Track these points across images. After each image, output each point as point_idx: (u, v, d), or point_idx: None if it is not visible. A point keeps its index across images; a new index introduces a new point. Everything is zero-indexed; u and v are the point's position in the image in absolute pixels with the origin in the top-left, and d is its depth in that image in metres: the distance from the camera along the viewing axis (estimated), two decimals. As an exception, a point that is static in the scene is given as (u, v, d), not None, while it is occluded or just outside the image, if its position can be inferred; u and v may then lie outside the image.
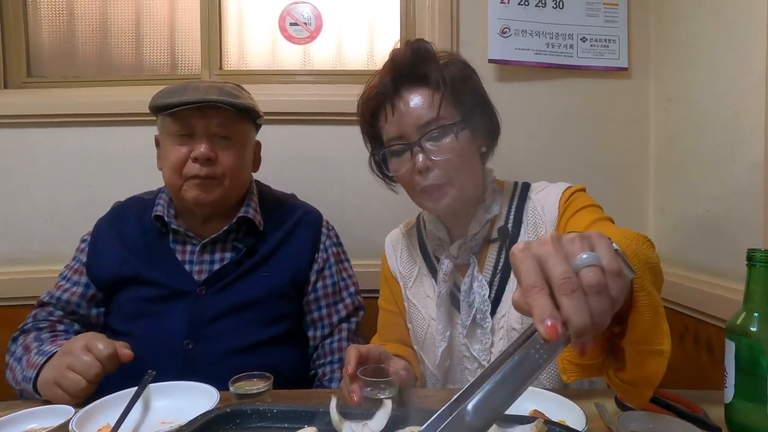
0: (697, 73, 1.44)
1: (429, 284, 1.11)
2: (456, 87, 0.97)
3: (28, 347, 1.05)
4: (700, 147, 1.43)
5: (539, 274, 0.47)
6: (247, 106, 1.14)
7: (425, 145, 0.96)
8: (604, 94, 1.67)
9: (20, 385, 1.00)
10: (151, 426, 0.81)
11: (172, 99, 1.09)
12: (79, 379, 0.88)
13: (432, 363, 1.07)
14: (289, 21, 1.76)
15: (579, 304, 0.45)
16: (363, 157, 1.11)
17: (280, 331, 1.15)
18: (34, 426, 0.79)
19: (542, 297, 0.46)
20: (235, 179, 1.16)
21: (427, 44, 1.01)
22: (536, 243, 0.49)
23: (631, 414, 0.77)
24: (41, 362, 0.95)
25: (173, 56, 1.77)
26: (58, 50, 1.76)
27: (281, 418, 0.70)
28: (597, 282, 0.46)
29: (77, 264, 1.19)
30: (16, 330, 1.13)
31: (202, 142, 1.10)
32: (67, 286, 1.17)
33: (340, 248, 1.30)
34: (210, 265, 1.16)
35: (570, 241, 0.49)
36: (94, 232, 1.22)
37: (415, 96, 0.97)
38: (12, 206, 1.62)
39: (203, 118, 1.10)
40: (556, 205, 1.00)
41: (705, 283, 1.37)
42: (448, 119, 0.96)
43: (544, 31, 1.64)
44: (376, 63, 1.77)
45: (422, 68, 0.98)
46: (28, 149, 1.62)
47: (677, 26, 1.54)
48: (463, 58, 1.04)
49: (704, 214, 1.40)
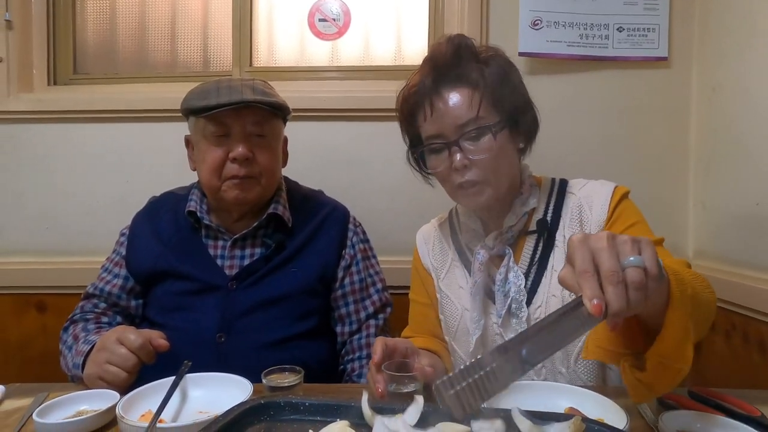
0: (746, 60, 1.38)
1: (461, 275, 1.11)
2: (496, 86, 0.97)
3: (77, 337, 1.10)
4: (748, 137, 1.36)
5: (591, 263, 0.57)
6: (281, 104, 1.16)
7: (463, 145, 0.97)
8: (641, 85, 1.62)
9: (71, 371, 1.05)
10: (189, 415, 0.83)
11: (209, 101, 1.10)
12: (119, 371, 0.92)
13: (465, 352, 1.07)
14: (318, 17, 1.76)
15: (620, 293, 0.55)
16: (390, 154, 1.11)
17: (308, 327, 1.17)
18: (85, 407, 0.85)
19: (593, 281, 0.56)
20: (272, 177, 1.18)
21: (467, 40, 1.01)
22: (594, 237, 0.60)
23: (675, 413, 0.75)
24: (86, 350, 1.01)
25: (206, 54, 1.81)
26: (101, 48, 1.82)
27: (313, 411, 0.71)
28: (639, 280, 0.56)
29: (117, 257, 1.23)
30: (67, 320, 1.18)
31: (239, 142, 1.11)
32: (109, 278, 1.21)
33: (367, 245, 1.31)
34: (240, 260, 1.18)
35: (623, 242, 0.59)
36: (131, 227, 1.25)
37: (454, 95, 0.97)
38: (58, 199, 1.68)
39: (239, 117, 1.11)
40: (606, 207, 1.00)
41: (755, 278, 1.31)
42: (487, 119, 0.96)
43: (578, 22, 1.59)
44: (403, 59, 1.76)
45: (462, 67, 0.98)
46: (71, 144, 1.68)
47: (723, 11, 1.48)
48: (505, 54, 1.03)
49: (753, 208, 1.34)
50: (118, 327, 1.00)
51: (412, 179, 1.09)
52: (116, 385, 0.91)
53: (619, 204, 1.01)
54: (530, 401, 0.78)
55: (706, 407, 0.78)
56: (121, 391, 0.87)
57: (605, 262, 0.57)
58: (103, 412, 0.80)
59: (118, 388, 0.89)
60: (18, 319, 1.64)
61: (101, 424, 0.80)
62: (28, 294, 1.64)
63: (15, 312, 1.64)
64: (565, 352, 1.00)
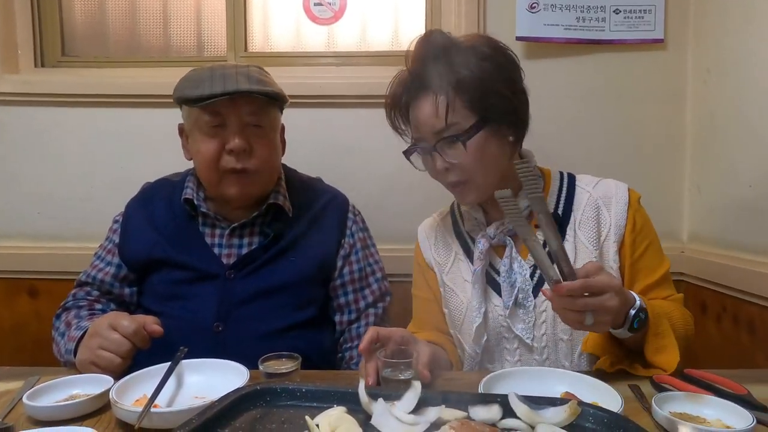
0: (741, 41, 1.37)
1: (466, 268, 1.11)
2: (471, 85, 0.95)
3: (69, 324, 1.09)
4: (743, 119, 1.36)
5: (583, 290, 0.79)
6: (278, 93, 1.13)
7: (441, 150, 0.98)
8: (637, 68, 1.61)
9: (63, 357, 1.05)
10: (184, 400, 0.83)
11: (202, 90, 1.07)
12: (113, 357, 0.91)
13: (469, 344, 1.07)
14: (313, 1, 1.73)
15: (575, 319, 0.82)
16: (387, 141, 1.10)
17: (307, 316, 1.16)
18: (78, 392, 0.84)
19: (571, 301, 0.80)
20: (271, 170, 1.17)
21: (440, 38, 1.00)
22: (606, 275, 0.81)
23: (667, 395, 0.76)
24: (79, 336, 1.00)
25: (199, 38, 1.78)
26: (91, 30, 1.78)
27: (310, 397, 0.71)
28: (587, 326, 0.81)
29: (110, 245, 1.21)
30: (59, 308, 1.17)
31: (235, 133, 1.08)
32: (101, 266, 1.19)
33: (367, 233, 1.30)
34: (238, 249, 1.17)
35: (605, 313, 0.80)
36: (125, 214, 1.24)
37: (424, 104, 0.98)
38: (51, 183, 1.67)
39: (234, 107, 1.08)
40: (625, 212, 1.04)
41: (746, 261, 1.32)
42: (462, 123, 0.96)
43: (575, 5, 1.57)
44: (400, 44, 1.73)
45: (431, 72, 0.97)
46: (63, 128, 1.66)
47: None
48: (491, 43, 1.00)
49: (746, 190, 1.34)
50: (110, 313, 1.00)
51: (410, 167, 1.08)
52: (110, 370, 0.90)
53: (638, 213, 1.05)
54: (527, 386, 0.78)
55: (698, 388, 0.80)
56: (114, 376, 0.86)
57: (596, 297, 0.79)
58: (96, 396, 0.79)
59: (112, 373, 0.89)
60: (10, 304, 1.64)
61: (94, 408, 0.79)
62: (19, 279, 1.63)
63: (6, 297, 1.63)
64: (571, 345, 1.01)
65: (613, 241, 1.03)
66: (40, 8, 1.73)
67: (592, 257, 1.02)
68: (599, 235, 1.04)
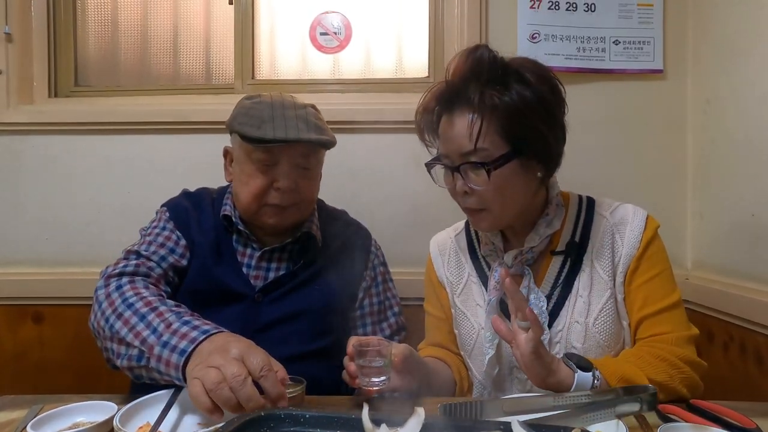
0: (739, 72, 1.40)
1: (479, 292, 1.09)
2: (509, 112, 0.90)
3: (150, 303, 0.94)
4: (743, 148, 1.38)
5: None
6: (332, 141, 1.16)
7: (464, 172, 0.94)
8: (637, 97, 1.63)
9: (145, 344, 0.87)
10: (188, 427, 0.82)
11: (264, 132, 1.08)
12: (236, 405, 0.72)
13: (479, 371, 1.06)
14: (319, 31, 1.78)
15: None
16: (393, 166, 1.11)
17: (325, 344, 1.16)
18: (82, 419, 0.83)
19: None
20: (310, 204, 1.21)
21: (488, 55, 0.95)
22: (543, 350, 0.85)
23: (673, 426, 0.75)
24: (201, 339, 0.83)
25: (208, 66, 1.82)
26: (103, 61, 1.84)
27: (314, 423, 0.70)
28: None
29: (166, 231, 1.15)
30: (112, 272, 1.03)
31: (286, 173, 1.11)
32: (161, 241, 1.12)
33: (386, 268, 1.32)
34: (266, 272, 1.18)
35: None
36: (174, 210, 1.19)
37: (458, 121, 0.93)
38: (58, 209, 1.68)
39: (289, 149, 1.11)
40: (638, 241, 1.00)
41: (751, 290, 1.31)
42: (492, 150, 0.91)
43: (575, 35, 1.61)
44: (404, 71, 1.77)
45: (472, 89, 0.92)
46: (72, 155, 1.68)
47: (717, 24, 1.50)
48: (538, 70, 0.95)
49: (749, 219, 1.35)
50: (259, 349, 0.79)
51: (416, 191, 1.09)
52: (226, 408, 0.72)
53: (652, 241, 0.99)
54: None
55: (704, 420, 0.78)
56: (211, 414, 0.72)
57: None
58: (99, 424, 0.78)
59: (212, 413, 0.72)
60: (14, 330, 1.63)
61: (98, 437, 0.78)
62: (24, 305, 1.62)
63: (10, 323, 1.63)
64: (585, 327, 0.97)
65: (620, 271, 0.99)
66: (56, 41, 1.78)
67: (608, 288, 0.99)
68: (613, 263, 1.00)
